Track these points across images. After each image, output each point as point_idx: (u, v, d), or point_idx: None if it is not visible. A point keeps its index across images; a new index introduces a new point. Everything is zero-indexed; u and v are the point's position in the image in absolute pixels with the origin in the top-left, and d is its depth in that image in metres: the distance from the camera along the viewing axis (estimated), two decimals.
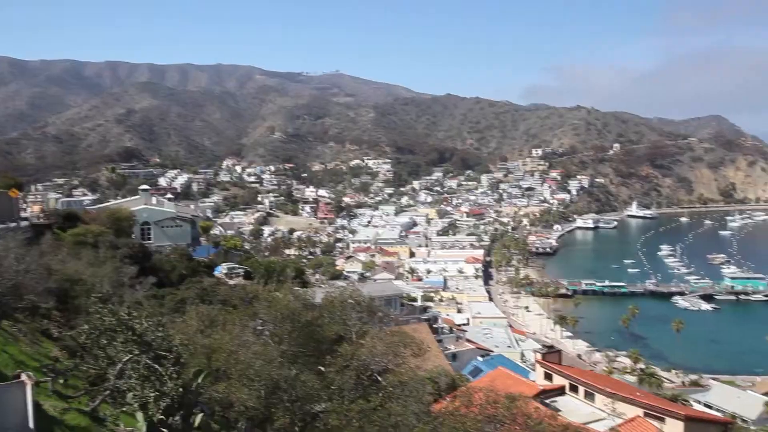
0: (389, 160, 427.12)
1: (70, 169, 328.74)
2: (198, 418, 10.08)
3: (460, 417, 18.30)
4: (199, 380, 11.24)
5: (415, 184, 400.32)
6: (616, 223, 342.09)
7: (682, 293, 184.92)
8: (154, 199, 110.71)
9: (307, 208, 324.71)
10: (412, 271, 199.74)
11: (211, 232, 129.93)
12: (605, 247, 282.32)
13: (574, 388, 34.94)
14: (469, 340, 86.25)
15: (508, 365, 55.80)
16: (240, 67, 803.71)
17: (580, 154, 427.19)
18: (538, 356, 41.49)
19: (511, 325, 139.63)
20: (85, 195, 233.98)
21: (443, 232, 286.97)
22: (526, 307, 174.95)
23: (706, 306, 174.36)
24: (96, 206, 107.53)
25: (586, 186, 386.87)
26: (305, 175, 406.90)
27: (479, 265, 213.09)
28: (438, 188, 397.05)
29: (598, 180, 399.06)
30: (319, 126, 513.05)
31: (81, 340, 15.28)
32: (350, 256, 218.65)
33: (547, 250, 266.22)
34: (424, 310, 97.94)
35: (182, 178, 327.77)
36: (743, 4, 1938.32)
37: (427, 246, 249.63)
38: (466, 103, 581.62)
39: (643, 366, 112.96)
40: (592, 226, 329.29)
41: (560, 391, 35.26)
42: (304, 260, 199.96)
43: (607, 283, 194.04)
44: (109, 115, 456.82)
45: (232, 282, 65.58)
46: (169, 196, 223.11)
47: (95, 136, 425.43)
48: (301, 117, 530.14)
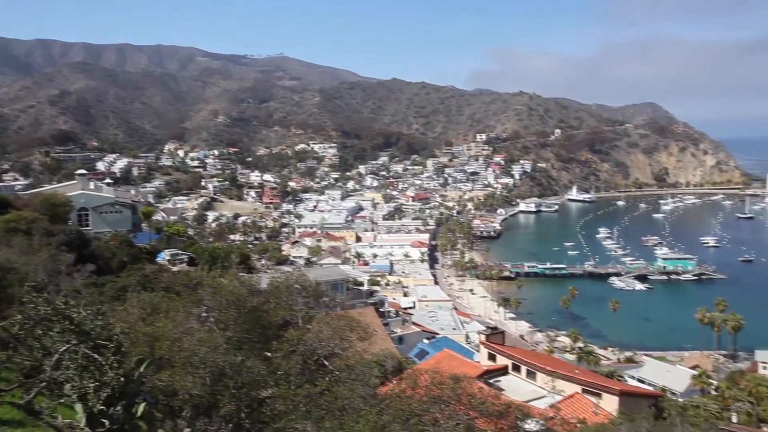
0: (335, 145, 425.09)
1: None
2: (141, 408, 9.87)
3: (406, 399, 18.54)
4: (142, 369, 10.99)
5: (361, 169, 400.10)
6: (557, 207, 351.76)
7: (618, 274, 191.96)
8: (92, 184, 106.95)
9: (252, 193, 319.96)
10: (359, 256, 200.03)
11: (153, 218, 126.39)
12: (547, 230, 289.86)
13: (517, 368, 35.90)
14: (415, 323, 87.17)
15: (454, 347, 56.78)
16: (181, 49, 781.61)
17: (523, 140, 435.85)
18: (482, 338, 42.38)
19: (456, 308, 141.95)
20: (16, 180, 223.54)
21: (389, 217, 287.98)
22: (471, 290, 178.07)
23: (640, 286, 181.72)
24: (28, 191, 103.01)
25: (529, 171, 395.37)
26: (250, 159, 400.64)
27: (425, 249, 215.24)
28: (384, 173, 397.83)
29: (540, 165, 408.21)
30: (263, 110, 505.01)
31: (14, 330, 14.69)
32: (296, 241, 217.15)
33: (491, 233, 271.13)
34: (371, 294, 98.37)
35: (122, 163, 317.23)
36: None
37: (373, 230, 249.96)
38: (412, 88, 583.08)
39: (581, 345, 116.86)
40: (535, 209, 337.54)
41: (503, 371, 36.16)
42: (250, 246, 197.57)
43: (548, 266, 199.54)
44: (41, 96, 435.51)
45: (175, 268, 64.14)
46: (108, 180, 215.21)
47: (26, 119, 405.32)
48: (246, 100, 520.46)
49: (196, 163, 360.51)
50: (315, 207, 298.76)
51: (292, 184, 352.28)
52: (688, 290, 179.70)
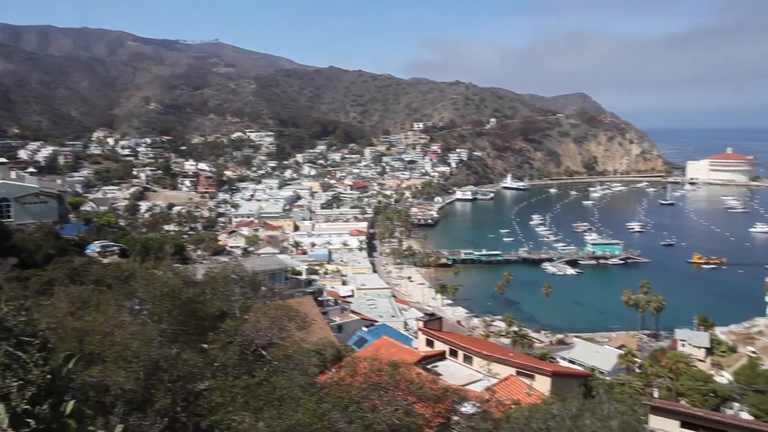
0: (272, 133, 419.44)
1: None
2: (69, 405, 9.53)
3: (345, 386, 18.65)
4: (70, 365, 10.61)
5: (299, 157, 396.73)
6: (492, 195, 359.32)
7: (550, 260, 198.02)
8: (13, 174, 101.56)
9: (187, 182, 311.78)
10: (297, 245, 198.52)
11: (82, 209, 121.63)
12: (483, 217, 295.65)
13: (454, 353, 36.62)
14: (354, 312, 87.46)
15: (392, 334, 57.29)
16: (109, 32, 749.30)
17: (460, 128, 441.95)
18: (420, 324, 42.97)
19: (394, 296, 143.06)
20: None
21: (327, 206, 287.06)
22: (409, 278, 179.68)
23: (571, 271, 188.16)
24: None
25: (465, 159, 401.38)
26: (184, 148, 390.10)
27: (363, 238, 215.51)
28: (322, 161, 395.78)
29: (476, 153, 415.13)
30: (198, 97, 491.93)
31: None
32: (233, 231, 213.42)
33: (429, 221, 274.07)
34: (309, 283, 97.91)
35: (46, 151, 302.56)
36: None
37: (311, 219, 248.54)
38: (350, 76, 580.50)
39: (516, 329, 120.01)
40: (471, 197, 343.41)
41: (441, 356, 36.80)
42: (185, 236, 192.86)
43: (484, 252, 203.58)
44: None
45: (106, 261, 61.94)
46: (32, 170, 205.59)
47: None
48: (179, 87, 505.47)
49: (127, 152, 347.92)
50: (252, 196, 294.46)
51: (229, 173, 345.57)
52: (615, 274, 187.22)
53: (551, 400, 24.71)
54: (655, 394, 70.36)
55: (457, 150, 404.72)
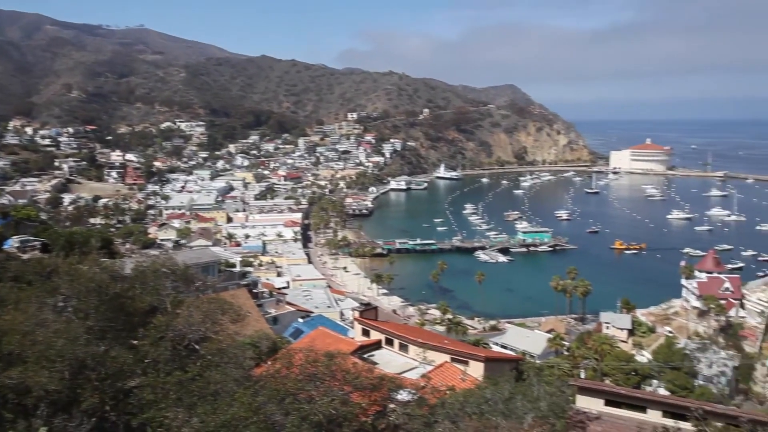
0: (203, 123, 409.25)
1: None
2: None
3: (281, 378, 18.56)
4: None
5: (231, 148, 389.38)
6: (426, 185, 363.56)
7: (483, 248, 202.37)
8: None
9: (114, 174, 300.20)
10: (230, 237, 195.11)
11: None
12: (417, 207, 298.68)
13: (390, 342, 36.95)
14: (289, 303, 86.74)
15: (328, 325, 57.21)
16: (24, 15, 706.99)
17: (393, 119, 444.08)
18: (356, 314, 43.14)
19: (330, 286, 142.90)
20: None
21: (261, 196, 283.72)
22: (345, 268, 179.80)
23: (503, 258, 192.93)
24: None
25: (399, 149, 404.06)
26: (110, 138, 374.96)
27: (298, 229, 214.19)
28: (255, 152, 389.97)
29: (409, 143, 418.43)
30: (124, 85, 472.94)
31: None
32: (164, 224, 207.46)
33: (364, 211, 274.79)
34: (243, 275, 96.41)
35: None
36: None
37: (244, 211, 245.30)
38: (282, 66, 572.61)
39: (450, 316, 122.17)
40: (405, 187, 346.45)
41: (377, 346, 37.06)
42: (112, 229, 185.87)
43: (418, 242, 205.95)
44: None
45: (25, 256, 58.95)
46: None
47: None
48: (103, 75, 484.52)
49: (47, 142, 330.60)
50: (183, 188, 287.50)
51: (158, 164, 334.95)
52: (545, 261, 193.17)
53: (484, 385, 25.41)
54: (582, 375, 73.42)
55: (391, 140, 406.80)
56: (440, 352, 33.74)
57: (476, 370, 31.89)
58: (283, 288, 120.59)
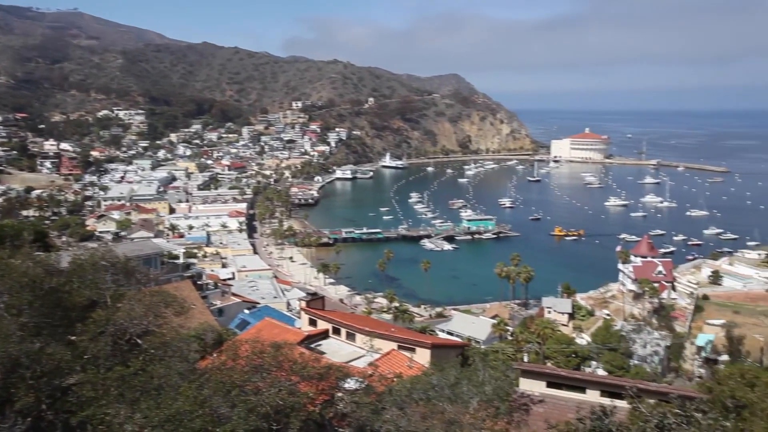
0: (142, 111, 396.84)
1: None
2: None
3: (226, 371, 18.35)
4: None
5: (173, 137, 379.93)
6: (372, 174, 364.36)
7: (429, 236, 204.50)
8: None
9: (48, 164, 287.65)
10: (173, 228, 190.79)
11: None
12: (363, 196, 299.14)
13: (337, 331, 37.00)
14: (235, 294, 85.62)
15: (275, 315, 56.81)
16: None
17: (338, 107, 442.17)
18: (303, 304, 42.96)
19: (276, 276, 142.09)
20: None
21: (204, 187, 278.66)
22: (291, 258, 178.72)
23: (448, 246, 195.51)
24: None
25: (344, 138, 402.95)
26: (43, 126, 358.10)
27: (243, 219, 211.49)
28: (197, 141, 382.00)
29: (355, 132, 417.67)
30: (57, 71, 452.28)
31: None
32: (102, 215, 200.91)
33: (309, 201, 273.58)
34: (187, 267, 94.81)
35: None
36: None
37: (187, 201, 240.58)
38: (225, 53, 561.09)
39: (397, 304, 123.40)
40: (351, 176, 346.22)
41: (324, 335, 37.04)
42: (47, 222, 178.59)
43: (365, 231, 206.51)
44: None
45: None
46: None
47: None
48: (34, 60, 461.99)
49: None
50: (122, 178, 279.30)
51: (95, 154, 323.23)
52: (489, 248, 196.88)
53: (431, 371, 25.79)
54: (525, 359, 75.38)
55: (337, 129, 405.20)
56: (387, 340, 34.02)
57: (423, 357, 32.30)
58: (229, 279, 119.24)
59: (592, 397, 18.82)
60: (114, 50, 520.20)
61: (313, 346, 34.20)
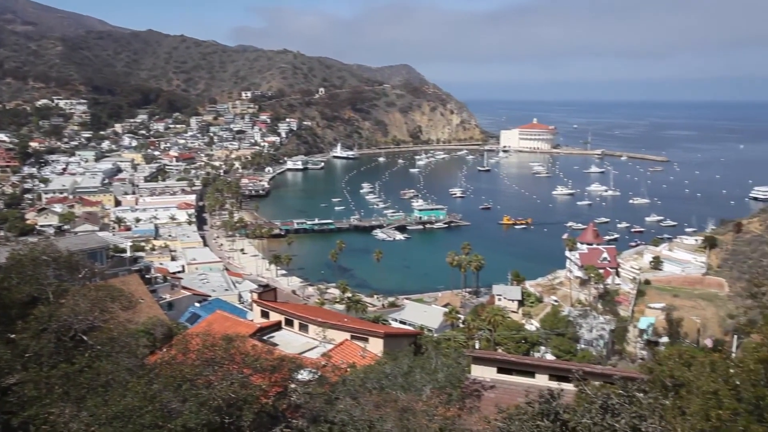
0: (85, 101, 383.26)
1: None
2: None
3: (177, 365, 18.08)
4: None
5: (118, 127, 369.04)
6: (323, 164, 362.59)
7: (381, 226, 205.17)
8: None
9: None
10: (119, 221, 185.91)
11: None
12: (314, 187, 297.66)
13: (290, 322, 36.84)
14: (185, 288, 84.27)
15: (226, 308, 56.12)
16: None
17: (288, 98, 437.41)
18: (255, 296, 42.56)
19: (227, 269, 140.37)
20: None
21: (152, 178, 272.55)
22: (242, 250, 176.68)
23: (400, 236, 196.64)
24: None
25: (295, 129, 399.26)
26: None
27: (192, 211, 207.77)
28: (144, 131, 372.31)
29: (305, 123, 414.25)
30: None
31: None
32: (43, 208, 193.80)
33: (260, 192, 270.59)
34: (135, 260, 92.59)
35: None
36: None
37: (134, 193, 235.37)
38: (171, 41, 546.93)
39: (350, 295, 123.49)
40: (302, 167, 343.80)
41: (277, 327, 36.84)
42: None
43: (316, 221, 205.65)
44: None
45: None
46: None
47: None
48: None
49: None
50: (65, 170, 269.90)
51: (35, 145, 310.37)
52: (440, 237, 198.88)
53: (384, 360, 26.01)
54: (477, 346, 76.71)
55: (287, 119, 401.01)
56: (340, 331, 34.10)
57: (376, 347, 32.52)
58: (178, 272, 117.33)
59: (541, 381, 19.33)
60: (52, 37, 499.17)
61: (265, 338, 33.99)
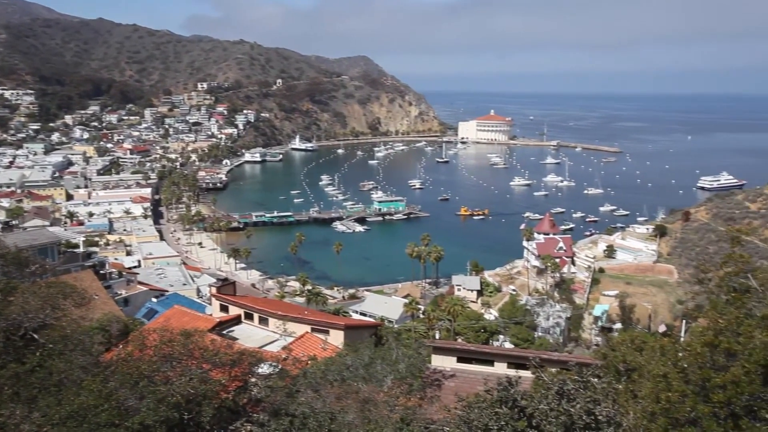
0: (32, 92, 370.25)
1: None
2: None
3: (134, 362, 17.74)
4: None
5: (68, 119, 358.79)
6: (281, 156, 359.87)
7: (340, 218, 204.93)
8: None
9: None
10: (71, 216, 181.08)
11: None
12: (272, 179, 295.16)
13: (250, 316, 36.56)
14: (141, 283, 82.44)
15: (184, 303, 55.34)
16: None
17: (246, 89, 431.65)
18: (214, 290, 42.05)
19: (185, 263, 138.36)
20: None
21: (105, 171, 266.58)
22: (200, 243, 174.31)
23: (360, 228, 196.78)
24: None
25: (252, 120, 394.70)
26: None
27: (148, 205, 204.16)
28: (96, 123, 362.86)
29: (263, 114, 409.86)
30: None
31: None
32: None
33: (218, 185, 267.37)
34: (88, 256, 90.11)
35: None
36: None
37: (87, 187, 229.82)
38: (123, 30, 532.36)
39: (310, 287, 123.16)
40: (260, 159, 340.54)
41: (237, 321, 36.53)
42: None
43: (275, 214, 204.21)
44: None
45: None
46: None
47: None
48: None
49: None
50: (12, 163, 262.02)
51: None
52: (400, 228, 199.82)
53: (345, 352, 26.06)
54: (437, 336, 77.51)
55: (244, 111, 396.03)
56: (301, 324, 34.02)
57: (337, 339, 32.57)
58: (134, 267, 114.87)
59: (500, 369, 19.69)
60: None
61: (225, 332, 33.64)
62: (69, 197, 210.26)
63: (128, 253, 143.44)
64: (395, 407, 16.94)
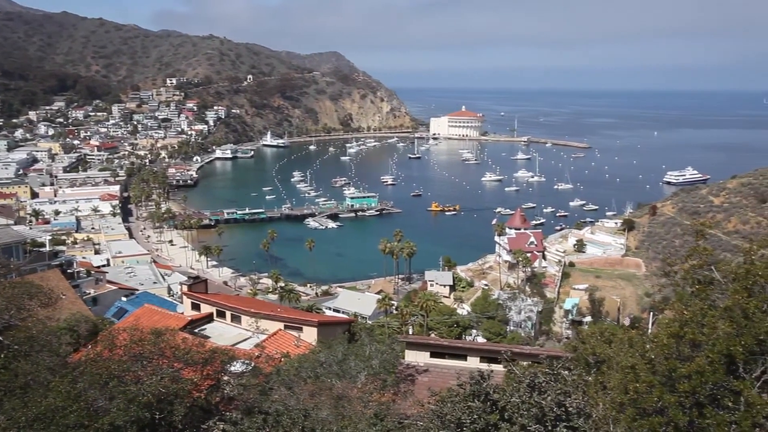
0: None
1: None
2: None
3: (103, 362, 17.47)
4: None
5: (32, 115, 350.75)
6: (252, 153, 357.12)
7: (312, 215, 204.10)
8: None
9: None
10: (37, 214, 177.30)
11: None
12: (244, 176, 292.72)
13: (222, 314, 36.25)
14: (110, 282, 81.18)
15: (155, 301, 54.60)
16: None
17: (216, 85, 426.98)
18: (185, 288, 41.57)
19: (155, 261, 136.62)
20: None
21: (72, 169, 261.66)
22: (170, 241, 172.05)
23: (332, 224, 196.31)
24: None
25: (223, 117, 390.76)
26: None
27: (116, 202, 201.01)
28: (61, 119, 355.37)
29: (234, 110, 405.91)
30: None
31: None
32: None
33: (188, 182, 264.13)
34: (55, 255, 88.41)
35: None
36: None
37: (53, 184, 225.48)
38: (88, 24, 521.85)
39: (283, 284, 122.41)
40: (231, 156, 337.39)
41: (209, 319, 36.18)
42: None
43: (247, 211, 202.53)
44: None
45: None
46: None
47: None
48: None
49: None
50: None
51: None
52: (372, 224, 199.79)
53: (318, 349, 26.01)
54: (410, 331, 77.78)
55: (215, 107, 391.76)
56: (273, 321, 33.86)
57: (310, 335, 32.49)
58: (103, 266, 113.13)
59: (473, 363, 19.89)
60: None
61: (196, 330, 33.34)
62: (34, 195, 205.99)
63: (97, 252, 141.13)
64: (369, 403, 17.00)
